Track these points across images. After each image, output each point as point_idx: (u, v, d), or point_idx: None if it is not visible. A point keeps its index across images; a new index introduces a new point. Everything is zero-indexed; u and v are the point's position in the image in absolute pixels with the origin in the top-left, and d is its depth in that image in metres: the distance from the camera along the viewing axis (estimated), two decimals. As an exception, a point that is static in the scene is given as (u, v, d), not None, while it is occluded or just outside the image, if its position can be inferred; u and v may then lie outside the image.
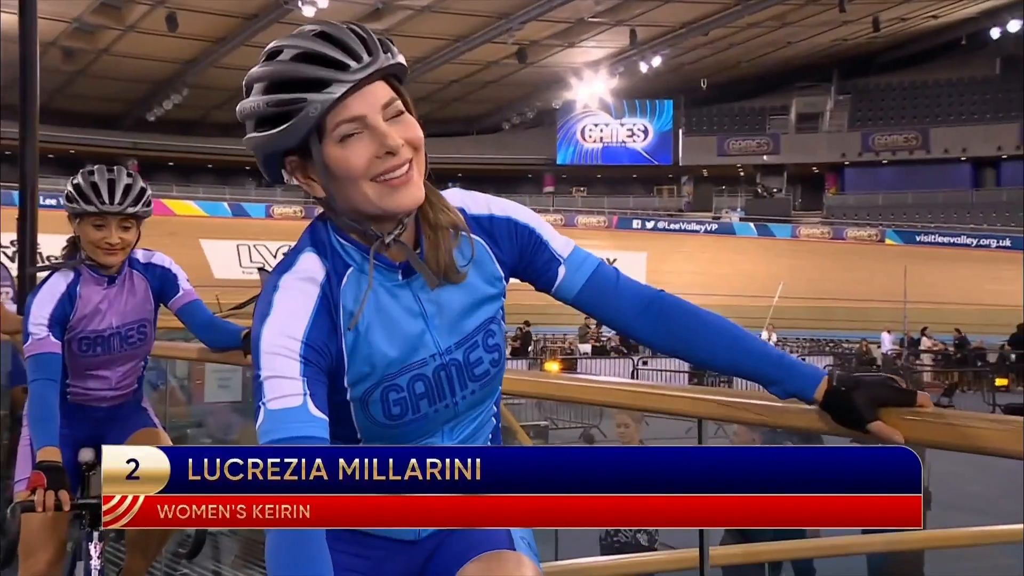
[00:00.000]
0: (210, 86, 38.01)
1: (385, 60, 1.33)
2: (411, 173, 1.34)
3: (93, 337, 2.82)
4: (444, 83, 40.25)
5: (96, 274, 2.80)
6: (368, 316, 1.38)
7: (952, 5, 36.36)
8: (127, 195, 2.70)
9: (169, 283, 2.90)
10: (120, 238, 2.72)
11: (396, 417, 1.42)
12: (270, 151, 1.35)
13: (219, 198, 39.43)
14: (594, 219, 41.92)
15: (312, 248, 1.40)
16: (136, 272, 2.87)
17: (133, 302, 2.87)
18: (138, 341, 2.89)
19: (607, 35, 36.36)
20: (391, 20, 33.19)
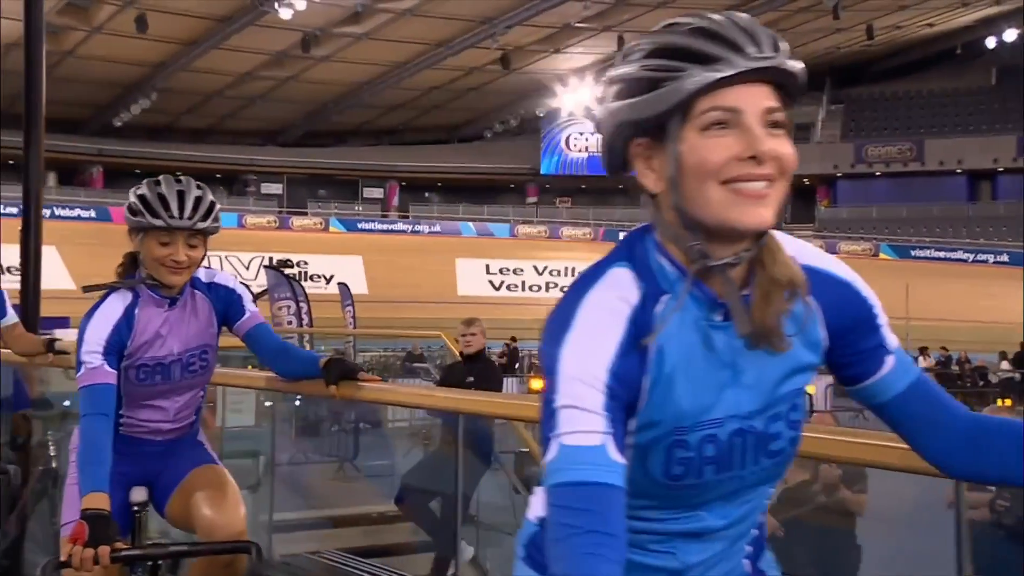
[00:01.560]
0: (180, 90, 37.89)
1: (783, 63, 1.20)
2: (769, 192, 1.19)
3: (152, 365, 2.64)
4: (424, 89, 40.31)
5: (156, 295, 2.62)
6: (675, 355, 1.22)
7: (948, 13, 36.83)
8: (197, 209, 2.53)
9: (234, 305, 2.72)
10: (187, 256, 2.54)
11: (676, 478, 1.26)
12: (623, 123, 1.22)
13: (191, 207, 39.14)
14: (579, 231, 42.02)
15: (627, 263, 1.25)
16: (198, 293, 2.69)
17: (196, 326, 2.69)
18: (200, 369, 2.72)
19: (594, 41, 36.55)
20: (371, 23, 33.25)
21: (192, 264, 2.58)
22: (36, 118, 5.16)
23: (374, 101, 40.90)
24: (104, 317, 2.57)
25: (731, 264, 1.21)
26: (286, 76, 37.57)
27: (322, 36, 33.82)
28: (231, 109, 41.07)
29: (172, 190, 2.54)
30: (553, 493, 1.13)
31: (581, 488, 1.12)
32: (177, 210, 2.51)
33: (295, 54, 35.00)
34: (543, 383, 1.19)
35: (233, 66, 36.01)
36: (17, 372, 4.60)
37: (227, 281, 2.74)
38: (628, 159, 1.25)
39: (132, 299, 2.62)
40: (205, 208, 2.55)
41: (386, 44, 34.84)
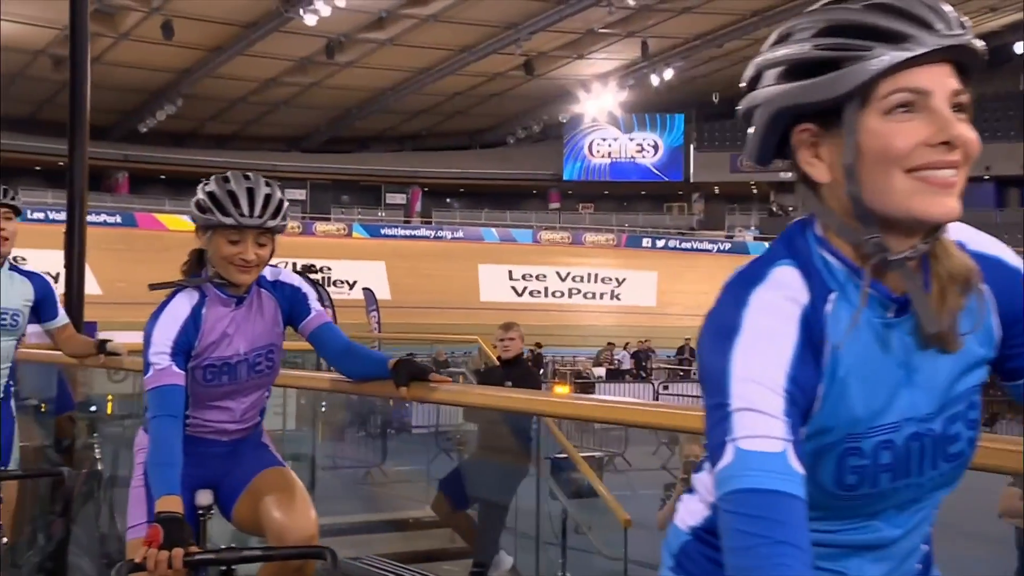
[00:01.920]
0: (205, 96, 38.15)
1: (971, 41, 1.14)
2: (956, 181, 1.13)
3: (219, 365, 2.61)
4: (447, 95, 40.39)
5: (224, 294, 2.60)
6: (849, 357, 1.14)
7: (976, 18, 36.57)
8: (267, 206, 2.50)
9: (299, 304, 2.68)
10: (256, 254, 2.51)
11: (849, 487, 1.18)
12: (787, 107, 1.14)
13: (211, 212, 39.42)
14: (602, 237, 41.97)
15: (791, 260, 1.18)
16: (264, 291, 2.66)
17: (262, 325, 2.66)
18: (266, 369, 2.68)
19: (617, 47, 36.53)
20: (395, 29, 33.35)
21: (261, 263, 2.55)
22: (80, 125, 5.21)
23: (397, 107, 41.01)
24: (172, 317, 2.55)
25: (908, 258, 1.14)
26: (310, 82, 37.73)
27: (346, 42, 33.96)
28: (255, 115, 41.29)
29: (242, 187, 2.51)
30: (731, 499, 1.06)
31: (764, 496, 1.04)
32: (247, 208, 2.48)
33: (319, 60, 35.15)
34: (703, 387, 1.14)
35: (258, 72, 36.22)
36: (61, 374, 4.62)
37: (292, 279, 2.71)
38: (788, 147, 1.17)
39: (199, 298, 2.60)
40: (275, 206, 2.52)
41: (409, 50, 34.93)
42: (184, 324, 2.54)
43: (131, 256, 30.62)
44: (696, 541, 1.32)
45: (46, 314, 3.89)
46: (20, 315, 3.79)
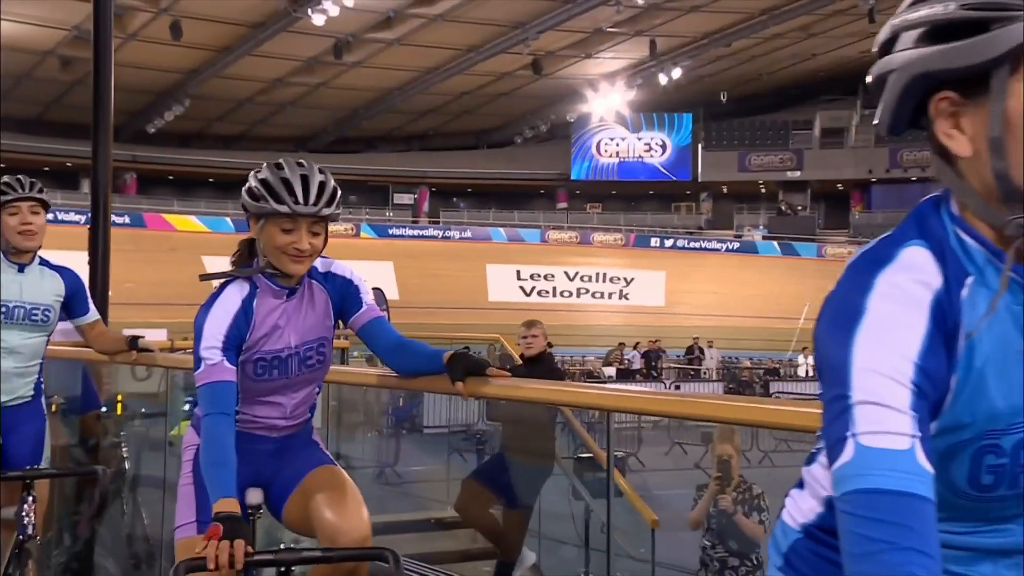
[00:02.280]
0: (212, 97, 38.18)
1: None
2: None
3: (270, 359, 2.55)
4: (454, 95, 40.39)
5: (275, 285, 2.54)
6: (988, 347, 1.06)
7: (985, 16, 36.46)
8: (321, 194, 2.44)
9: (351, 297, 2.62)
10: (310, 243, 2.45)
11: (985, 488, 1.10)
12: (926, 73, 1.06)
13: (222, 213, 39.42)
14: (610, 237, 41.94)
15: (922, 241, 1.09)
16: (316, 283, 2.60)
17: (313, 318, 2.60)
18: (317, 363, 2.63)
19: (625, 46, 36.50)
20: (402, 29, 33.35)
21: (314, 253, 2.49)
22: (104, 128, 5.21)
23: (404, 107, 41.01)
24: (223, 310, 2.49)
25: None
26: (317, 82, 37.74)
27: (354, 42, 33.96)
28: (262, 115, 41.32)
29: (296, 174, 2.45)
30: (852, 500, 0.99)
31: (889, 497, 0.98)
32: (302, 195, 2.42)
33: (327, 60, 35.16)
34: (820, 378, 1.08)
35: (265, 72, 36.24)
36: (86, 372, 4.60)
37: (344, 271, 2.65)
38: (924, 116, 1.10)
39: (250, 290, 2.54)
40: (329, 194, 2.46)
41: (417, 50, 34.93)
42: (235, 317, 2.49)
43: (140, 257, 30.63)
44: (808, 539, 1.26)
45: (77, 309, 3.86)
46: (51, 310, 3.76)
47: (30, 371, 3.71)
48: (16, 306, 3.65)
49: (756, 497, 4.36)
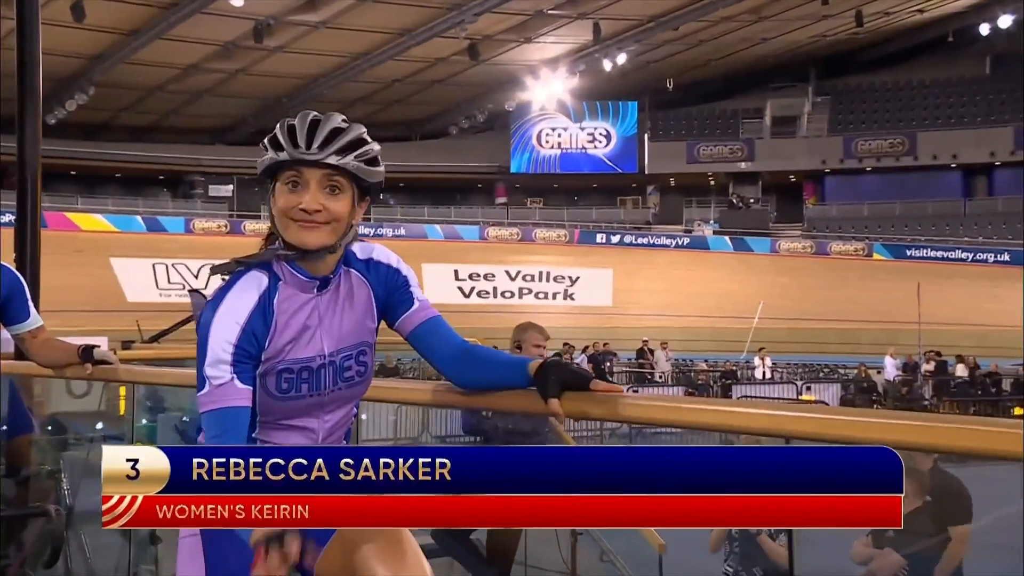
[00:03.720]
0: (119, 85, 37.19)
1: None
2: None
3: (298, 370, 2.11)
4: (385, 82, 39.90)
5: (302, 275, 2.12)
6: None
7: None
8: (333, 140, 2.03)
9: (399, 290, 2.20)
10: (322, 204, 2.03)
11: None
12: None
13: (131, 211, 38.51)
14: (553, 233, 41.78)
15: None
16: (355, 273, 2.19)
17: (351, 317, 2.17)
18: (356, 376, 2.19)
19: (568, 29, 36.36)
20: (328, 11, 32.81)
21: (333, 220, 2.05)
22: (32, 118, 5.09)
23: (331, 95, 40.39)
24: (232, 310, 2.06)
25: None
26: (236, 68, 37.00)
27: (275, 25, 33.31)
28: (175, 105, 40.42)
29: (306, 119, 2.07)
30: None
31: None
32: (304, 139, 2.03)
33: (246, 44, 34.44)
34: None
35: (178, 58, 35.40)
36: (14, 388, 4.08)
37: (388, 257, 2.22)
38: None
39: (269, 282, 2.11)
40: (346, 141, 2.04)
41: (345, 33, 34.41)
42: (250, 318, 2.06)
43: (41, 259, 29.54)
44: None
45: (14, 315, 3.39)
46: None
47: None
48: None
49: None
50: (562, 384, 2.08)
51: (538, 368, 2.11)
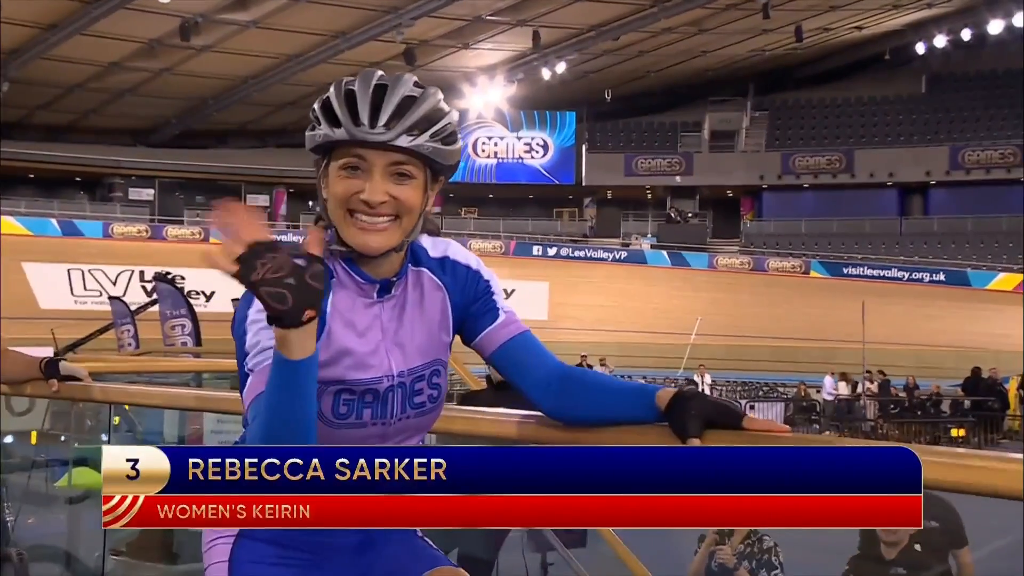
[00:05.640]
0: (35, 81, 36.07)
1: None
2: None
3: (359, 392, 1.74)
4: (318, 86, 39.15)
5: (360, 276, 1.75)
6: None
7: (879, 15, 37.70)
8: (404, 114, 1.65)
9: (481, 298, 1.83)
10: (388, 195, 1.66)
11: None
12: None
13: (45, 214, 37.42)
14: (489, 244, 41.49)
15: None
16: (426, 273, 1.82)
17: (423, 329, 1.79)
18: (428, 401, 1.81)
19: (507, 36, 36.18)
20: (259, 11, 32.20)
21: (403, 213, 1.68)
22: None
23: (261, 98, 39.73)
24: None
25: None
26: (160, 67, 36.14)
27: (203, 23, 32.55)
28: (95, 104, 39.36)
29: (368, 84, 1.67)
30: None
31: None
32: (368, 113, 1.64)
33: (172, 43, 33.61)
34: None
35: (99, 55, 34.44)
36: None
37: (467, 258, 1.86)
38: None
39: None
40: (420, 115, 1.67)
41: (276, 34, 33.81)
42: None
43: None
44: None
45: None
46: None
47: None
48: None
49: (766, 551, 4.00)
50: (705, 420, 1.69)
51: (672, 399, 1.72)
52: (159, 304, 15.94)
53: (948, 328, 31.80)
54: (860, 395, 21.82)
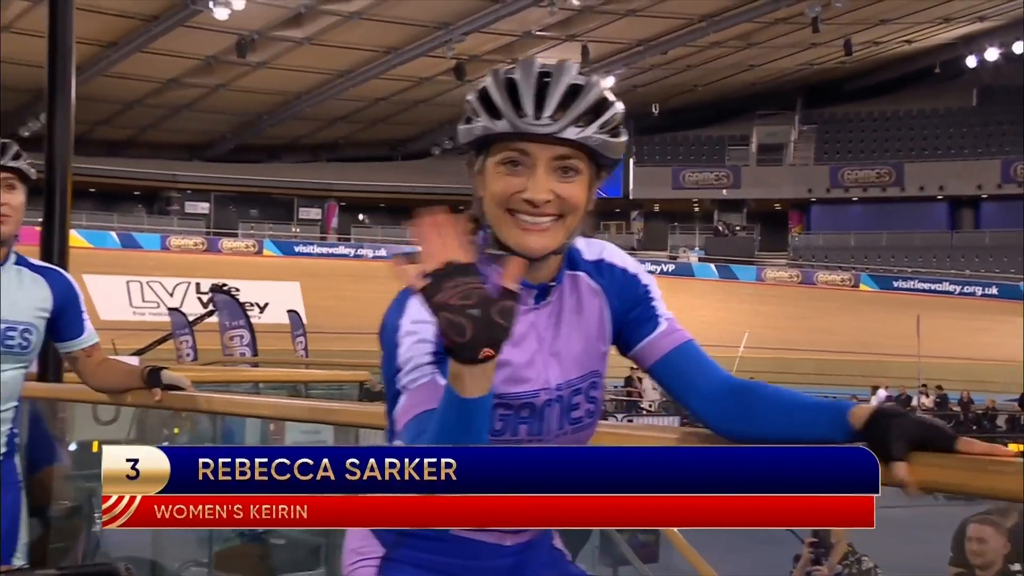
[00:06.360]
0: (96, 98, 36.62)
1: None
2: None
3: (516, 406, 1.62)
4: (369, 101, 39.60)
5: None
6: None
7: (929, 29, 37.29)
8: (571, 104, 1.53)
9: (641, 304, 1.70)
10: (553, 191, 1.54)
11: None
12: None
13: (105, 227, 37.93)
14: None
15: None
16: (583, 278, 1.69)
17: (580, 338, 1.67)
18: (586, 416, 1.69)
19: (555, 51, 36.16)
20: (313, 27, 32.54)
21: (567, 213, 1.56)
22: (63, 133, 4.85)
23: (313, 113, 40.10)
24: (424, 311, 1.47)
25: None
26: (216, 84, 36.62)
27: (259, 40, 32.97)
28: (153, 120, 39.97)
29: (531, 72, 1.55)
30: None
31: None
32: (532, 103, 1.52)
33: (228, 59, 34.08)
34: None
35: (158, 71, 34.99)
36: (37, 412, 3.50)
37: (624, 260, 1.73)
38: None
39: None
40: (589, 106, 1.54)
41: (329, 50, 34.13)
42: None
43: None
44: None
45: (68, 329, 2.88)
46: (33, 331, 2.79)
47: (2, 419, 2.77)
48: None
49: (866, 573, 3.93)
50: (911, 441, 1.50)
51: (871, 417, 1.53)
52: (218, 315, 16.13)
53: (1001, 342, 31.25)
54: (915, 409, 21.50)
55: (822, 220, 42.57)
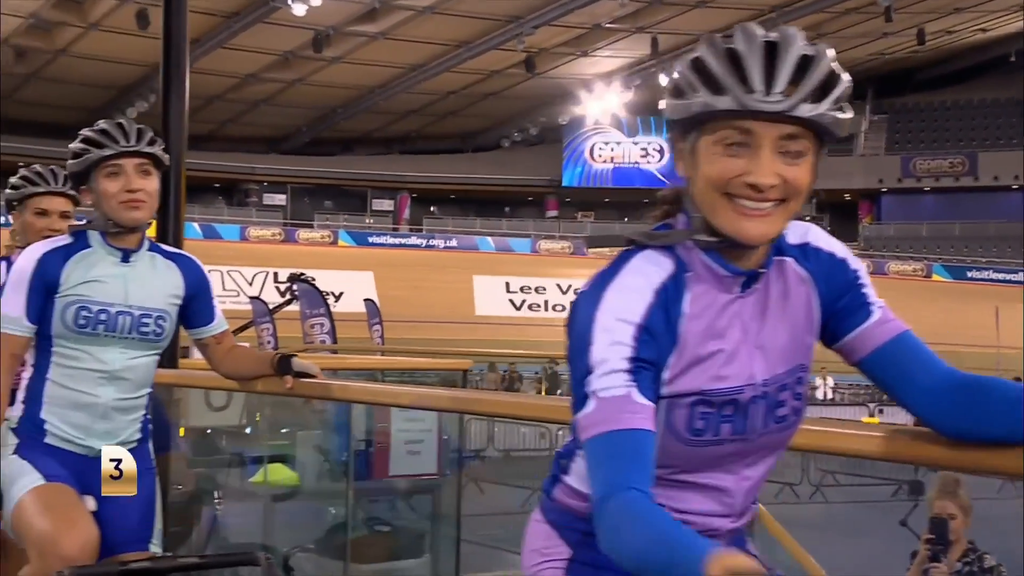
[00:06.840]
0: (178, 93, 37.54)
1: None
2: None
3: (719, 403, 1.49)
4: (440, 94, 39.93)
5: (724, 268, 1.48)
6: None
7: (1004, 17, 36.51)
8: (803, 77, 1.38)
9: (851, 291, 1.55)
10: (781, 175, 1.39)
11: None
12: None
13: (188, 218, 38.51)
14: (605, 248, 41.52)
15: None
16: (790, 264, 1.54)
17: (786, 330, 1.53)
18: (792, 414, 1.55)
19: (625, 43, 36.24)
20: (387, 22, 32.92)
21: (791, 197, 1.41)
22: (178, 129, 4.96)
23: (386, 106, 40.54)
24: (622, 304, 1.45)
25: None
26: (293, 78, 37.22)
27: (334, 35, 33.50)
28: (232, 114, 40.71)
29: (755, 44, 1.41)
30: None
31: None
32: (762, 79, 1.37)
33: (305, 54, 34.65)
34: None
35: (237, 67, 35.67)
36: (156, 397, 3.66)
37: (831, 244, 1.58)
38: None
39: (674, 271, 1.48)
40: (821, 79, 1.39)
41: (402, 44, 34.50)
42: (648, 316, 1.44)
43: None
44: None
45: (199, 316, 2.84)
46: (167, 317, 2.75)
47: (136, 405, 2.74)
48: (120, 312, 2.67)
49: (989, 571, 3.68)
50: None
51: None
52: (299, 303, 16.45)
53: (1077, 334, 30.58)
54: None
55: (893, 210, 41.97)
